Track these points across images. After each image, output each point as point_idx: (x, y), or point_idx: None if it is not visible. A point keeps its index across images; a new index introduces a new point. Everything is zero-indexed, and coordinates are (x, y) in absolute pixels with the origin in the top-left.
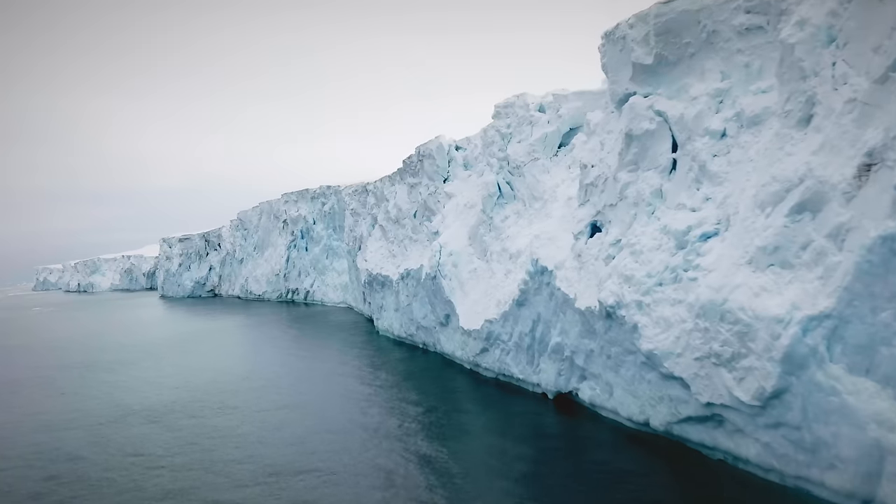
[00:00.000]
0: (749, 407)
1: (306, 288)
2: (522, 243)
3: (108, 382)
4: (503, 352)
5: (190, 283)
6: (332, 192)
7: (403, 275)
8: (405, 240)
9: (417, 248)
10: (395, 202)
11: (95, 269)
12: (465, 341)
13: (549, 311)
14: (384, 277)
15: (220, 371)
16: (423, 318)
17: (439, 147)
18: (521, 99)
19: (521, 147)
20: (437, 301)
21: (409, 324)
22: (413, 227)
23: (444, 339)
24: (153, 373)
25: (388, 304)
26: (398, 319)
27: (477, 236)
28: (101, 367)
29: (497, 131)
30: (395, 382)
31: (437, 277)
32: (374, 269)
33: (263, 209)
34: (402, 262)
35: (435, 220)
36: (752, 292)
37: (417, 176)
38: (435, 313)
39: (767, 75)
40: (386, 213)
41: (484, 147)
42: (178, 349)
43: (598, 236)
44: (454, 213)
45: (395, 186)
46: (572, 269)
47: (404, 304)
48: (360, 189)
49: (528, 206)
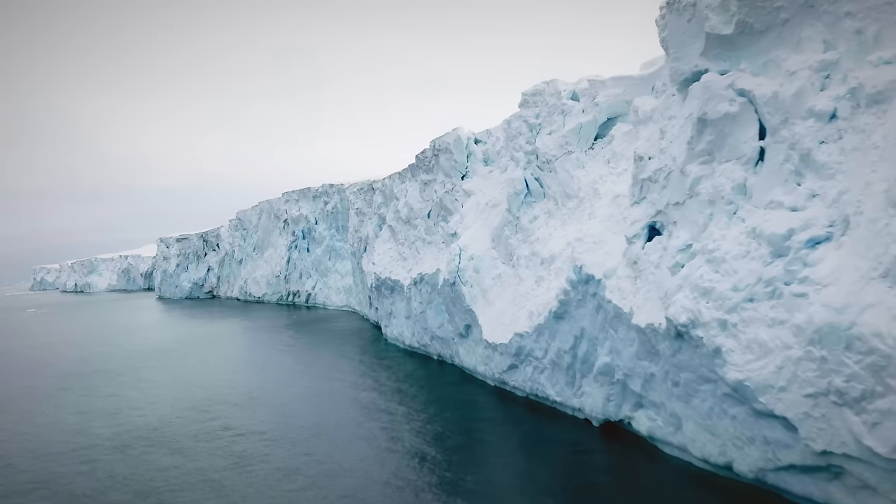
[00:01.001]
0: (885, 460)
1: (308, 290)
2: (556, 247)
3: (92, 398)
4: (536, 370)
5: (188, 285)
6: (336, 190)
7: (416, 280)
8: (417, 241)
9: (432, 251)
10: (406, 201)
11: (92, 269)
12: (489, 356)
13: (595, 326)
14: (394, 282)
15: (221, 385)
16: (439, 327)
17: (457, 140)
18: (552, 86)
19: (552, 139)
20: (457, 310)
21: (422, 333)
22: (426, 227)
23: (464, 351)
24: (144, 389)
25: (398, 310)
26: (410, 328)
27: (501, 239)
28: (84, 380)
29: (524, 122)
30: (414, 401)
31: (457, 284)
32: (382, 272)
33: (263, 208)
34: (414, 266)
35: (452, 220)
36: (891, 314)
37: (432, 172)
38: (453, 323)
39: (888, 43)
40: (395, 213)
41: (507, 140)
42: (174, 358)
43: (659, 240)
44: (474, 213)
45: (405, 184)
46: (626, 279)
47: (417, 311)
48: (365, 187)
49: (561, 205)
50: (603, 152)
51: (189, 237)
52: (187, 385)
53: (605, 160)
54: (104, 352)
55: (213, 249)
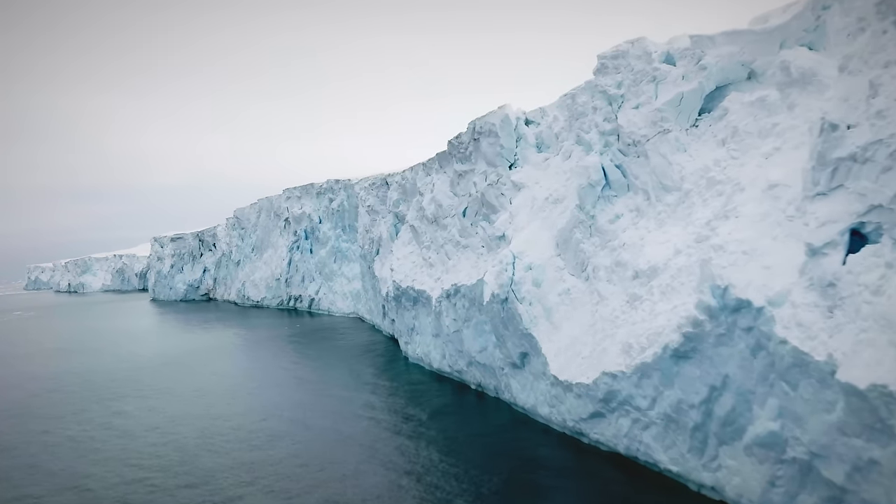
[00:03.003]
0: None
1: (311, 295)
2: (658, 255)
3: (45, 439)
4: (637, 425)
5: (183, 286)
6: (342, 186)
7: (449, 292)
8: (447, 245)
9: (468, 257)
10: (433, 196)
11: (86, 269)
12: (557, 396)
13: (750, 374)
14: (417, 293)
15: (221, 417)
16: (481, 351)
17: (505, 120)
18: (639, 45)
19: (641, 115)
20: (509, 333)
21: (456, 356)
22: (461, 228)
23: (518, 385)
24: (115, 430)
25: (422, 326)
26: (439, 348)
27: (570, 243)
28: (46, 410)
29: (602, 93)
30: (460, 452)
31: (510, 301)
32: (402, 281)
33: (262, 206)
34: (444, 275)
35: (499, 219)
36: None
37: (469, 161)
38: (503, 349)
39: None
40: (419, 211)
41: (571, 119)
42: (160, 381)
43: (872, 250)
44: (528, 211)
45: (431, 177)
46: (811, 308)
47: (450, 329)
48: (378, 182)
49: (655, 200)
50: (713, 130)
51: (184, 236)
52: (172, 422)
53: (720, 140)
54: (80, 370)
55: (209, 249)
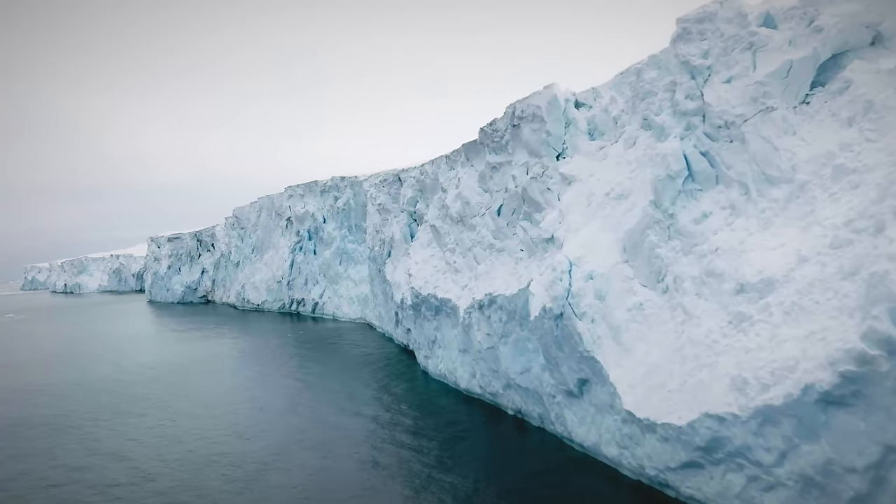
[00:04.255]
0: None
1: (314, 299)
2: (773, 265)
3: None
4: (756, 483)
5: (180, 288)
6: (348, 184)
7: (482, 303)
8: (475, 248)
9: (505, 263)
10: (459, 193)
11: (83, 269)
12: (632, 436)
13: None
14: (441, 302)
15: (221, 454)
16: (523, 373)
17: (552, 103)
18: (730, 5)
19: (735, 90)
20: (565, 355)
21: (489, 376)
22: (495, 229)
23: (574, 417)
24: (92, 466)
25: (446, 339)
26: (468, 366)
27: (641, 248)
28: (15, 435)
29: (683, 64)
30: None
31: (567, 316)
32: (423, 287)
33: (263, 205)
34: (473, 282)
35: (546, 219)
36: None
37: (505, 151)
38: (556, 373)
39: None
40: (442, 209)
41: (634, 99)
42: (150, 401)
43: None
44: (583, 208)
45: (455, 171)
46: None
47: (482, 345)
48: (389, 178)
49: (757, 195)
50: (830, 107)
51: (182, 236)
52: (163, 460)
53: (844, 119)
54: (63, 384)
55: (207, 250)
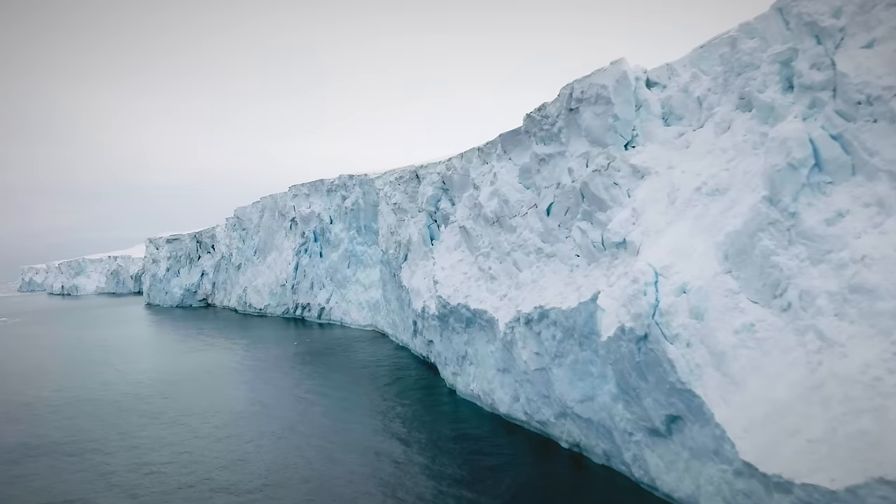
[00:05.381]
0: None
1: (321, 304)
2: None
3: None
4: None
5: (179, 291)
6: (357, 182)
7: (530, 317)
8: (516, 252)
9: (557, 270)
10: (495, 190)
11: (80, 271)
12: (751, 493)
13: None
14: (474, 313)
15: (251, 491)
16: (584, 401)
17: (622, 81)
18: None
19: (879, 57)
20: (649, 385)
21: (538, 402)
22: (544, 231)
23: (660, 462)
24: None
25: (481, 356)
26: (509, 387)
27: (751, 255)
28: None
29: (807, 26)
30: None
31: (654, 338)
32: (451, 296)
33: (266, 205)
34: (513, 292)
35: (615, 219)
36: None
37: (556, 141)
38: (634, 405)
39: None
40: (473, 209)
41: (727, 75)
42: (141, 425)
43: None
44: (663, 206)
45: (490, 165)
46: None
47: (529, 366)
48: (406, 176)
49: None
50: None
51: (181, 238)
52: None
53: None
54: (56, 401)
55: (207, 252)
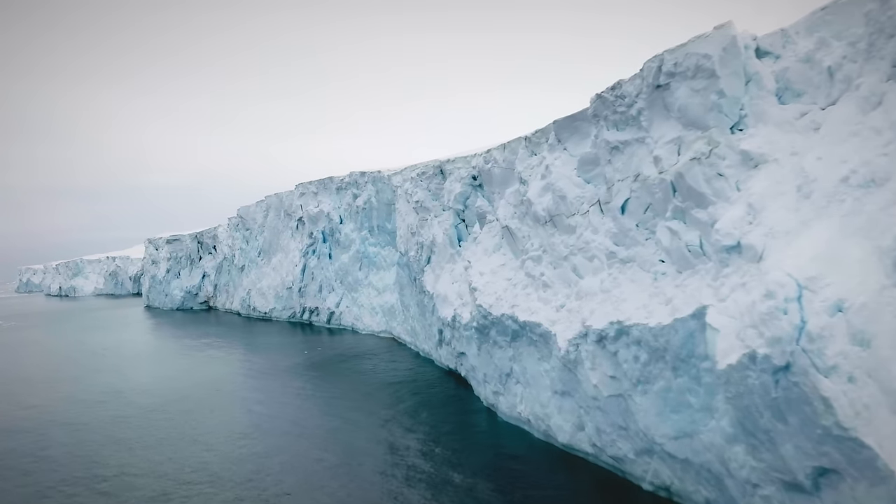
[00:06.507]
0: None
1: (330, 308)
2: None
3: None
4: None
5: (179, 293)
6: (369, 179)
7: (604, 334)
8: (576, 256)
9: (638, 279)
10: (549, 184)
11: (78, 272)
12: None
13: None
14: (524, 326)
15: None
16: (680, 438)
17: (730, 48)
18: None
19: None
20: (790, 428)
21: (612, 433)
22: (618, 232)
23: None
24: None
25: (531, 374)
26: (569, 413)
27: None
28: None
29: None
30: None
31: (801, 369)
32: (494, 305)
33: (271, 204)
34: (575, 303)
35: (726, 217)
36: None
37: (633, 125)
38: (765, 451)
39: None
40: (519, 206)
41: (872, 39)
42: (158, 448)
43: None
44: (791, 202)
45: (541, 156)
46: None
47: (599, 391)
48: (429, 171)
49: None
50: None
51: (181, 238)
52: None
53: None
54: (47, 421)
55: (209, 253)
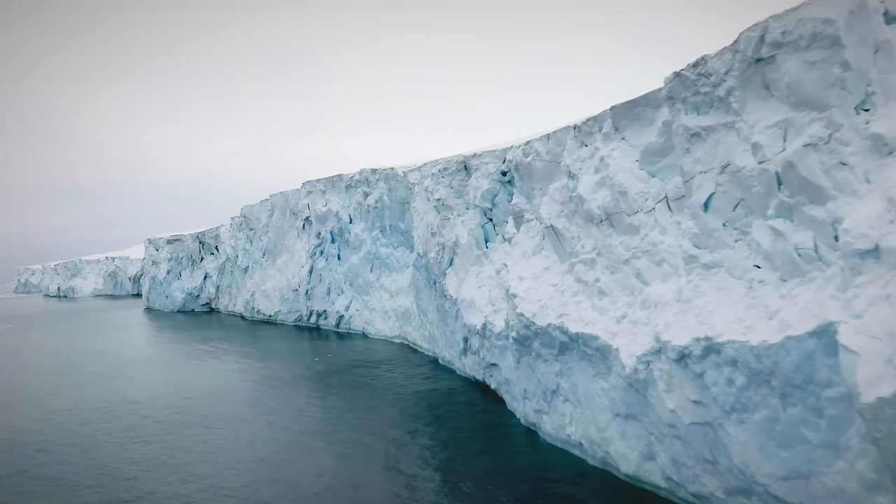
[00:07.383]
0: None
1: (339, 311)
2: None
3: None
4: None
5: (180, 295)
6: (381, 177)
7: (685, 351)
8: (639, 259)
9: (727, 287)
10: (606, 177)
11: (77, 272)
12: None
13: None
14: (575, 338)
15: None
16: (790, 479)
17: (858, 10)
18: None
19: None
20: None
21: (694, 467)
22: (700, 232)
23: None
24: None
25: (583, 393)
26: (636, 440)
27: None
28: None
29: None
30: None
31: None
32: (537, 314)
33: (276, 203)
34: (640, 313)
35: (856, 215)
36: None
37: (720, 108)
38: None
39: None
40: (566, 204)
41: None
42: (157, 475)
43: None
44: None
45: (593, 147)
46: None
47: (679, 417)
48: (452, 167)
49: None
50: None
51: (182, 238)
52: None
53: None
54: (43, 438)
55: (210, 253)
